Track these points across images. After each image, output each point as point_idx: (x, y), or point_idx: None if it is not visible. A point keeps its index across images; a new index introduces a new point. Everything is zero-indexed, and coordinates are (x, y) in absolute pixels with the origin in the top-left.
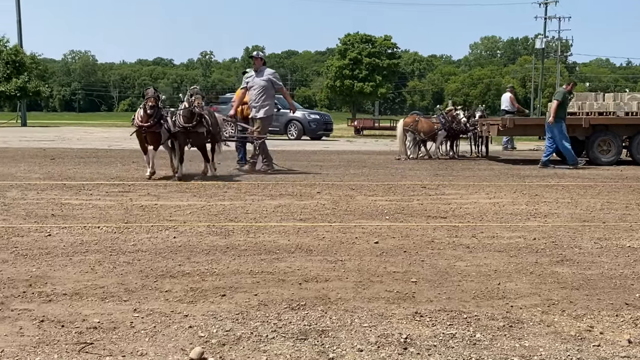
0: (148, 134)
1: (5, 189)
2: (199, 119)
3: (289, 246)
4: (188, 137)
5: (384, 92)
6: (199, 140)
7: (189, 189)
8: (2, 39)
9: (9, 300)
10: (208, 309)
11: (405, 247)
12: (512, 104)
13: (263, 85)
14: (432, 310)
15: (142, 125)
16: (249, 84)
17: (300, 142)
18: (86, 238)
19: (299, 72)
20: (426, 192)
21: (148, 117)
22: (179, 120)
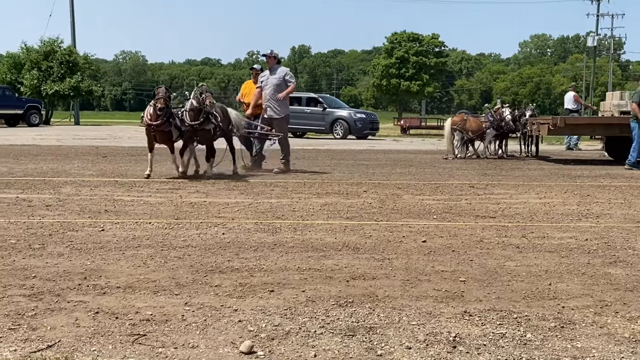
0: (157, 133)
1: (60, 185)
2: (205, 116)
3: (335, 244)
4: (195, 135)
5: (431, 91)
6: (206, 138)
7: (237, 187)
8: (57, 40)
9: (65, 292)
10: (257, 304)
11: (454, 246)
12: (577, 102)
13: (277, 84)
14: (482, 309)
15: (151, 124)
16: (262, 83)
17: (346, 141)
18: (138, 233)
19: (345, 71)
20: (474, 191)
21: (157, 116)
22: (185, 118)
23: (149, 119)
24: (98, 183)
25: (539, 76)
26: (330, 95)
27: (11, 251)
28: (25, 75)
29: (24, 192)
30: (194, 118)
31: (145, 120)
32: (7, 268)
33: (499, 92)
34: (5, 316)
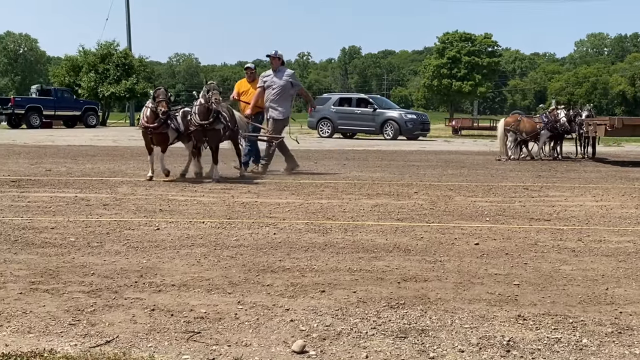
0: (154, 135)
1: (117, 184)
2: (215, 115)
3: (386, 245)
4: (204, 135)
5: (483, 91)
6: (215, 138)
7: (287, 188)
8: (113, 43)
9: (122, 290)
10: (308, 304)
11: (507, 249)
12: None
13: (282, 85)
14: (536, 313)
15: (149, 127)
16: (266, 84)
17: (397, 142)
18: (192, 232)
19: (395, 71)
20: (528, 193)
21: (155, 117)
22: (194, 117)
23: (146, 122)
24: (153, 183)
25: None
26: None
27: (71, 249)
28: (83, 77)
29: (82, 192)
30: (204, 117)
31: (142, 122)
32: (67, 265)
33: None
34: (65, 312)
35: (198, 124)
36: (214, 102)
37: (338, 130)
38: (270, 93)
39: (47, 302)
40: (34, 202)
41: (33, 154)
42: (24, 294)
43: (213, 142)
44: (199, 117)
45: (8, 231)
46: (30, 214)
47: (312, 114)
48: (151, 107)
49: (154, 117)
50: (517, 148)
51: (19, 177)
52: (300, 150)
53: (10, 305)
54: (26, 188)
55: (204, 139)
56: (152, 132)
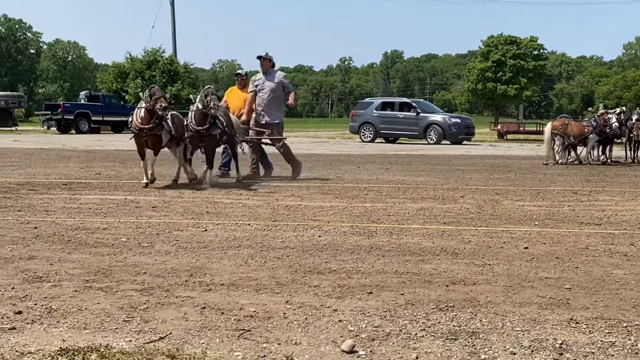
0: (149, 137)
1: (164, 187)
2: (212, 120)
3: (433, 249)
4: (201, 141)
5: (529, 94)
6: (212, 144)
7: (331, 191)
8: (159, 50)
9: (173, 288)
10: (356, 305)
11: (557, 253)
12: None
13: (273, 88)
14: (589, 317)
15: (144, 128)
16: (258, 87)
17: (440, 146)
18: (238, 234)
19: (438, 75)
20: (577, 198)
21: (150, 118)
22: (191, 122)
23: (140, 123)
24: (198, 186)
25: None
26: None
27: (122, 248)
28: (130, 84)
29: (132, 194)
30: (201, 123)
31: (135, 124)
32: (120, 264)
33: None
34: (120, 309)
35: (194, 130)
36: (212, 107)
37: (380, 134)
38: (262, 97)
39: (102, 299)
40: (85, 204)
41: (82, 158)
42: (79, 291)
43: (209, 147)
44: (196, 123)
45: (62, 232)
46: (82, 216)
47: (354, 118)
48: (146, 106)
49: (149, 118)
50: (565, 152)
51: (70, 180)
52: (343, 155)
53: (66, 302)
54: (77, 190)
55: (200, 145)
56: (147, 133)
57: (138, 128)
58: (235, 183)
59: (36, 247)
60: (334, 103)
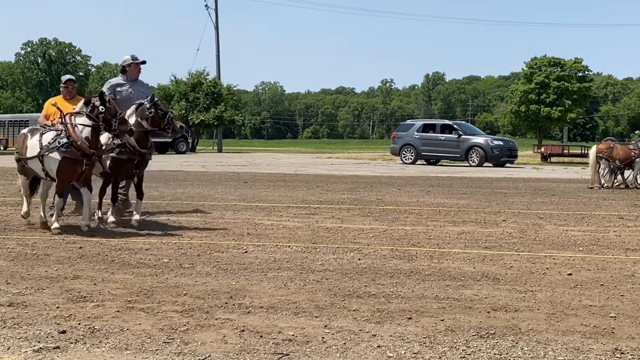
0: (89, 167)
1: (206, 209)
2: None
3: (474, 274)
4: (137, 167)
5: (573, 117)
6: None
7: (371, 213)
8: (203, 72)
9: (213, 310)
10: (395, 331)
11: (602, 280)
12: None
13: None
14: (635, 347)
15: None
16: (122, 95)
17: (482, 169)
18: (278, 256)
19: (480, 97)
20: (624, 223)
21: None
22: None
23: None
24: (240, 207)
25: None
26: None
27: (164, 269)
28: (174, 105)
29: (174, 215)
30: (145, 144)
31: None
32: (161, 285)
33: None
34: (160, 330)
35: (137, 152)
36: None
37: (421, 156)
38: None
39: (143, 320)
40: (128, 225)
41: None
42: (121, 312)
43: (143, 171)
44: (139, 144)
45: (105, 252)
46: (126, 236)
47: (395, 140)
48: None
49: (95, 141)
50: (611, 176)
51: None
52: (384, 177)
53: (109, 322)
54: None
55: (134, 172)
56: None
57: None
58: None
59: (81, 266)
60: (375, 124)
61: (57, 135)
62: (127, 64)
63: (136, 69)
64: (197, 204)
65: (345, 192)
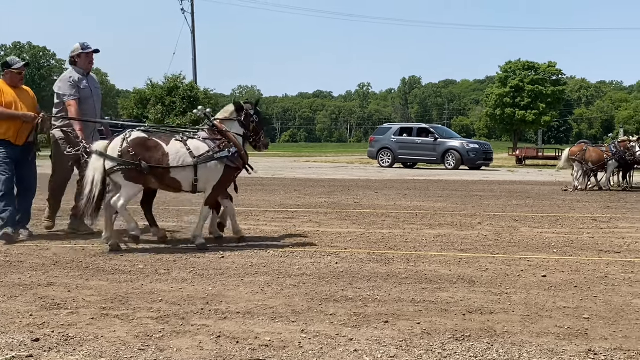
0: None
1: (183, 213)
2: None
3: (450, 276)
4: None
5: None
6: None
7: (349, 217)
8: (180, 76)
9: (189, 316)
10: (372, 334)
11: (576, 282)
12: None
13: (100, 95)
14: (608, 348)
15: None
16: (84, 92)
17: (458, 172)
18: (255, 261)
19: (456, 101)
20: (597, 225)
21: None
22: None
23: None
24: None
25: None
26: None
27: (140, 275)
28: (151, 110)
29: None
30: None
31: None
32: (137, 291)
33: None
34: (135, 337)
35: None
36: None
37: (398, 160)
38: (91, 106)
39: (118, 327)
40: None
41: None
42: (96, 319)
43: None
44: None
45: (80, 258)
46: (100, 241)
47: (373, 143)
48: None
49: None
50: (584, 178)
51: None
52: (361, 180)
53: (83, 330)
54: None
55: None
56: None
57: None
58: None
59: (55, 273)
60: (353, 128)
61: (220, 144)
62: (77, 54)
63: (87, 60)
64: (173, 208)
65: (323, 195)
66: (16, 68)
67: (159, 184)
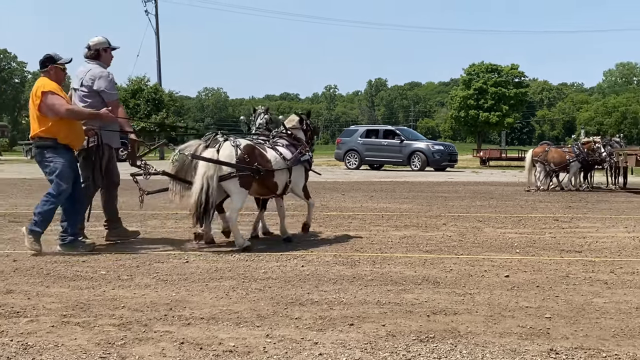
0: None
1: (147, 218)
2: None
3: (415, 278)
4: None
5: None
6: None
7: (315, 219)
8: (144, 79)
9: (151, 323)
10: (337, 338)
11: (538, 281)
12: None
13: None
14: (569, 347)
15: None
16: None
17: (424, 173)
18: (220, 265)
19: (422, 103)
20: (559, 225)
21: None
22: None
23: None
24: (182, 216)
25: (625, 106)
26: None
27: (102, 282)
28: None
29: None
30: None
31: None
32: (98, 298)
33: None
34: (96, 345)
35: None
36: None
37: (365, 161)
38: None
39: (79, 335)
40: None
41: None
42: (56, 327)
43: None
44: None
45: (41, 264)
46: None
47: (339, 145)
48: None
49: None
50: (546, 179)
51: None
52: (328, 182)
53: (43, 338)
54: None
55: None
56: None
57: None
58: None
59: (14, 280)
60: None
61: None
62: (104, 47)
63: (111, 56)
64: (137, 213)
65: (289, 198)
66: (62, 63)
67: (260, 188)
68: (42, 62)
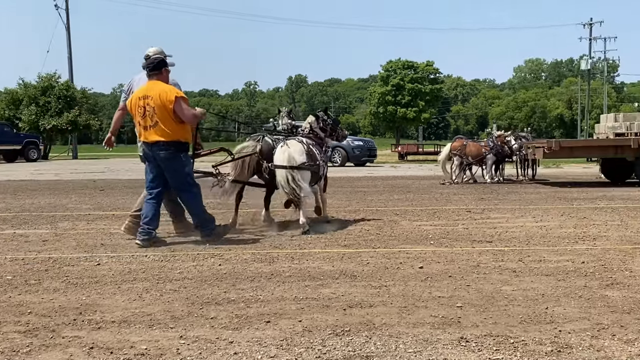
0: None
1: (57, 219)
2: None
3: (333, 272)
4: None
5: (427, 117)
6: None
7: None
8: (54, 75)
9: (60, 328)
10: (253, 336)
11: (451, 271)
12: None
13: None
14: (478, 335)
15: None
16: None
17: (344, 168)
18: (134, 267)
19: (342, 99)
20: (471, 216)
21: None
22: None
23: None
24: (95, 217)
25: (534, 100)
26: None
27: (7, 287)
28: (24, 111)
29: (21, 228)
30: None
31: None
32: (3, 304)
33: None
34: (0, 353)
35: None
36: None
37: None
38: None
39: None
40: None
41: None
42: None
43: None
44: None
45: None
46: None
47: None
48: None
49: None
50: (460, 172)
51: None
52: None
53: None
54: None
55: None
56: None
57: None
58: None
59: None
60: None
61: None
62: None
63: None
64: (47, 215)
65: (207, 197)
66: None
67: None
68: (156, 64)
